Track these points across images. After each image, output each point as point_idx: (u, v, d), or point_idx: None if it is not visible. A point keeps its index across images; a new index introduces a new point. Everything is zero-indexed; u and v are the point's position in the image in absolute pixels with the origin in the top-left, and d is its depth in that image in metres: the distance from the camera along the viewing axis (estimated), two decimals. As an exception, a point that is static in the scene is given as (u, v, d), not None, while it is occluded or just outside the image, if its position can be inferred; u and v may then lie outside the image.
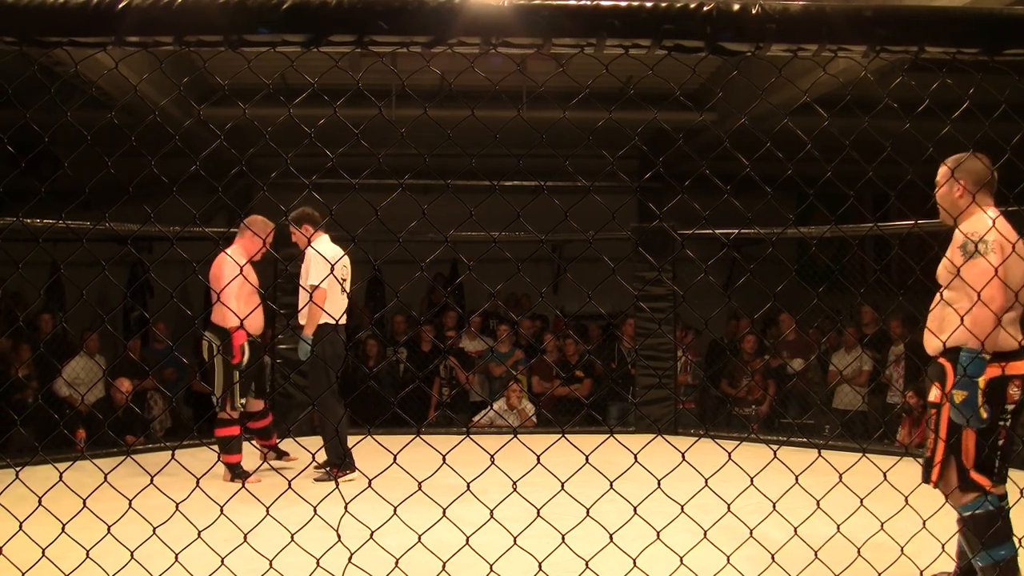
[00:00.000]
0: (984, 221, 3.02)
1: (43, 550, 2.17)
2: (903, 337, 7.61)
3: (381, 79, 8.46)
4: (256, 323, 5.84)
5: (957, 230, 3.11)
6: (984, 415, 2.96)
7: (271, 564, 2.24)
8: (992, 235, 2.94)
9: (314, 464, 5.60)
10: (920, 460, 3.14)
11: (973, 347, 2.92)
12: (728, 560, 2.38)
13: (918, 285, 2.73)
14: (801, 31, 1.81)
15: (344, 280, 5.91)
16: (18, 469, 2.67)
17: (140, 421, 7.69)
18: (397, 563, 2.19)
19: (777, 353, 8.43)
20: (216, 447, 5.68)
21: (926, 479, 3.08)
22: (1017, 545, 2.73)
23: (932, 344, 3.13)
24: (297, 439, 5.81)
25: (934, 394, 3.16)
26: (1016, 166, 2.42)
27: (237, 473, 5.57)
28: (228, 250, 5.70)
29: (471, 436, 2.19)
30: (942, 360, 3.12)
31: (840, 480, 2.32)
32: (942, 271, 3.18)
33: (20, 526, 2.19)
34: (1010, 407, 3.02)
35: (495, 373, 8.87)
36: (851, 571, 2.57)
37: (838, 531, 2.38)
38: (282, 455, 6.19)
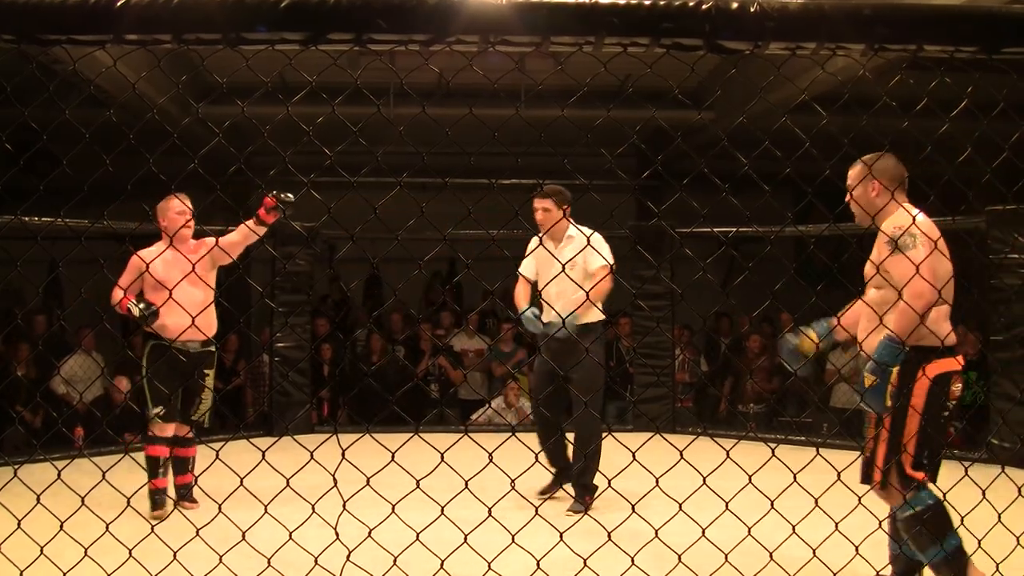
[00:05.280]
0: (907, 217, 3.02)
1: (41, 548, 2.17)
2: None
3: (379, 77, 8.45)
4: (176, 326, 4.53)
5: (881, 229, 3.09)
6: (888, 403, 2.98)
7: (269, 562, 2.24)
8: (916, 229, 2.94)
9: (570, 504, 4.39)
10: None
11: (898, 337, 2.92)
12: (726, 558, 2.38)
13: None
14: (800, 29, 1.81)
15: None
16: (16, 467, 2.68)
17: (139, 418, 7.68)
18: (395, 561, 2.19)
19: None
20: (215, 447, 5.34)
21: (866, 479, 3.07)
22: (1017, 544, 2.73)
23: (869, 343, 3.10)
24: (295, 437, 5.60)
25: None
26: (1015, 165, 2.42)
27: (155, 501, 4.63)
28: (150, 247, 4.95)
29: (469, 434, 2.19)
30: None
31: (838, 478, 2.32)
32: (870, 269, 3.19)
33: (18, 524, 2.19)
34: (952, 403, 3.05)
35: (497, 373, 8.87)
36: (849, 569, 2.57)
37: (836, 529, 2.38)
38: (183, 498, 4.77)
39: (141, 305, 4.73)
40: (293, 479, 2.19)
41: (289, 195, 4.74)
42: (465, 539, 2.16)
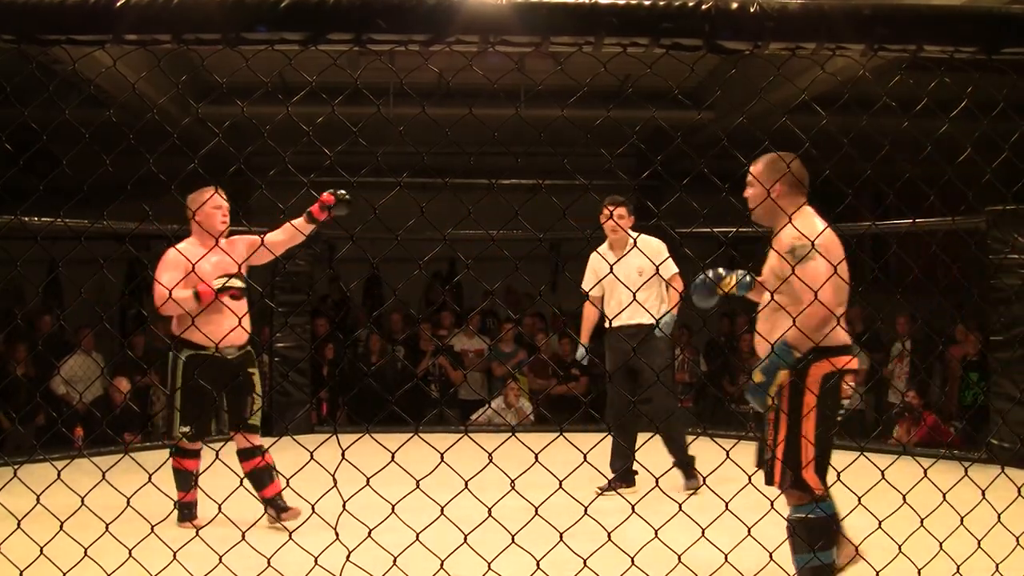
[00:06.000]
0: (808, 223, 3.05)
1: (41, 548, 2.17)
2: (905, 335, 7.62)
3: (379, 77, 8.44)
4: (215, 332, 4.07)
5: (780, 233, 3.10)
6: (770, 402, 3.03)
7: (269, 562, 2.24)
8: (815, 237, 2.94)
9: (683, 480, 4.85)
10: (767, 462, 3.12)
11: (795, 344, 2.95)
12: (726, 559, 2.38)
13: (916, 283, 2.73)
14: (799, 29, 1.81)
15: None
16: (16, 467, 2.67)
17: (139, 418, 7.69)
18: (395, 561, 2.19)
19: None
20: (215, 447, 5.10)
21: (769, 481, 3.06)
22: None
23: (763, 347, 3.15)
24: (295, 437, 5.42)
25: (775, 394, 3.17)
26: (1015, 165, 2.42)
27: (183, 514, 4.28)
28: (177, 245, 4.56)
29: (469, 434, 2.19)
30: None
31: (838, 478, 2.32)
32: (768, 274, 3.23)
33: (18, 524, 2.19)
34: (845, 402, 3.10)
35: (497, 373, 8.87)
36: (848, 569, 2.57)
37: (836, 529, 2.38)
38: (281, 510, 4.33)
39: (228, 279, 4.33)
40: (293, 479, 2.19)
41: (346, 193, 4.43)
42: (465, 539, 2.16)
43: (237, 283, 4.34)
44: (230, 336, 4.12)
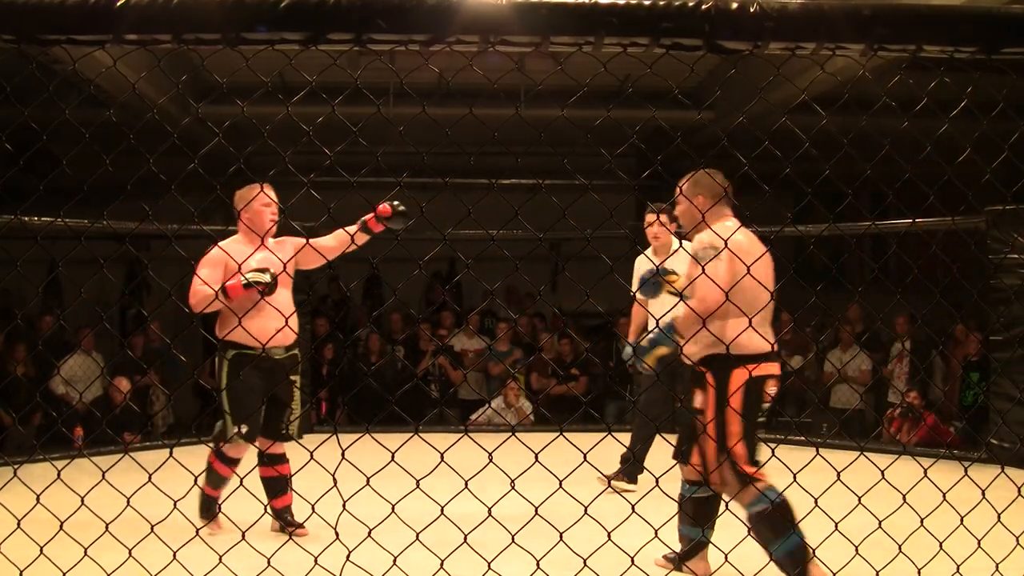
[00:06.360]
0: (719, 230, 3.18)
1: (41, 548, 2.17)
2: (905, 335, 7.62)
3: (379, 77, 8.45)
4: (260, 331, 3.82)
5: (693, 240, 3.34)
6: (649, 367, 3.50)
7: (269, 562, 2.24)
8: (720, 243, 3.02)
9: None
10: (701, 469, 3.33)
11: (680, 328, 3.30)
12: (726, 558, 2.38)
13: (916, 283, 2.73)
14: (799, 29, 1.81)
15: None
16: (16, 467, 2.67)
17: (139, 418, 7.69)
18: (395, 561, 2.20)
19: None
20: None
21: (684, 460, 3.33)
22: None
23: (687, 351, 3.36)
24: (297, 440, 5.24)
25: (699, 400, 3.36)
26: (1015, 165, 2.42)
27: (205, 508, 4.06)
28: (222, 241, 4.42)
29: (469, 434, 2.19)
30: (701, 368, 3.34)
31: (838, 478, 2.32)
32: (684, 280, 3.47)
33: (18, 524, 2.19)
34: (767, 405, 3.29)
35: (493, 372, 8.88)
36: (849, 569, 2.57)
37: (836, 529, 2.38)
38: (288, 524, 4.08)
39: (260, 272, 4.08)
40: (293, 479, 2.18)
41: (401, 204, 4.21)
42: (465, 539, 2.16)
43: (264, 277, 4.09)
44: (274, 336, 3.85)
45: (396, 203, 4.19)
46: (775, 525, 3.06)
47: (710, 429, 3.21)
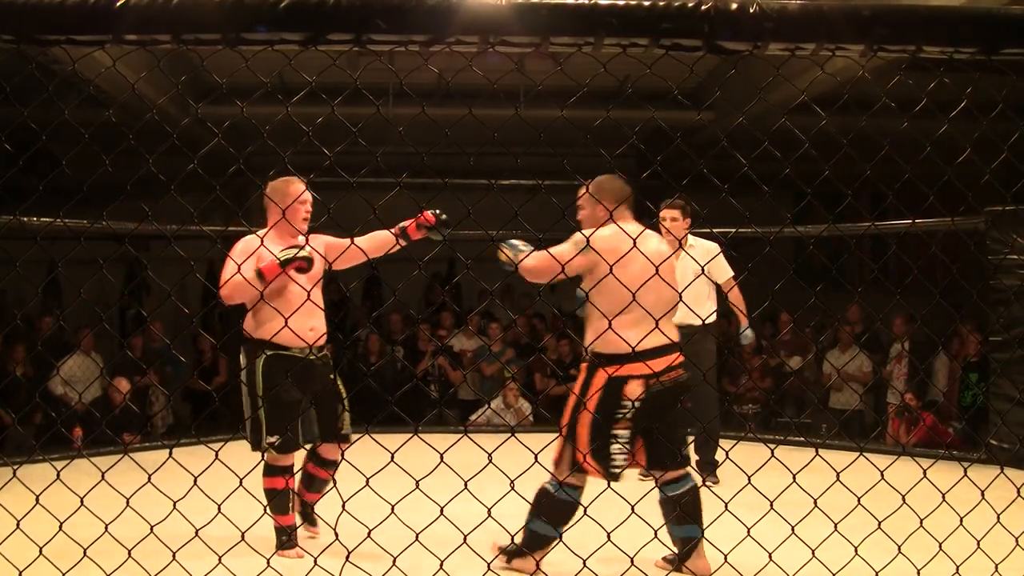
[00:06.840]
0: (603, 231, 3.25)
1: (40, 548, 2.17)
2: (904, 335, 7.62)
3: (379, 77, 8.44)
4: (300, 329, 3.63)
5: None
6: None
7: (268, 563, 2.24)
8: (579, 236, 3.35)
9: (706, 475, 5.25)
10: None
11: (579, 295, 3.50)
12: (725, 559, 2.38)
13: (916, 283, 2.73)
14: (799, 30, 1.81)
15: None
16: (15, 467, 2.67)
17: (138, 419, 7.68)
18: (395, 561, 2.20)
19: (775, 352, 8.44)
20: (214, 447, 4.58)
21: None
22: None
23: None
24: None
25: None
26: (1015, 165, 2.42)
27: (282, 541, 3.55)
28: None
29: (469, 435, 2.19)
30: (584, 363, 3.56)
31: (837, 479, 2.32)
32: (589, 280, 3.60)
33: (17, 524, 2.19)
34: (627, 403, 3.37)
35: (486, 372, 8.88)
36: (848, 570, 2.57)
37: (836, 530, 2.38)
38: (307, 519, 3.81)
39: (294, 250, 3.83)
40: (292, 479, 2.18)
41: (443, 213, 4.13)
42: (465, 539, 2.17)
43: (302, 252, 3.82)
44: (309, 335, 3.72)
45: (439, 211, 4.12)
46: (552, 511, 3.24)
47: (566, 415, 3.49)
